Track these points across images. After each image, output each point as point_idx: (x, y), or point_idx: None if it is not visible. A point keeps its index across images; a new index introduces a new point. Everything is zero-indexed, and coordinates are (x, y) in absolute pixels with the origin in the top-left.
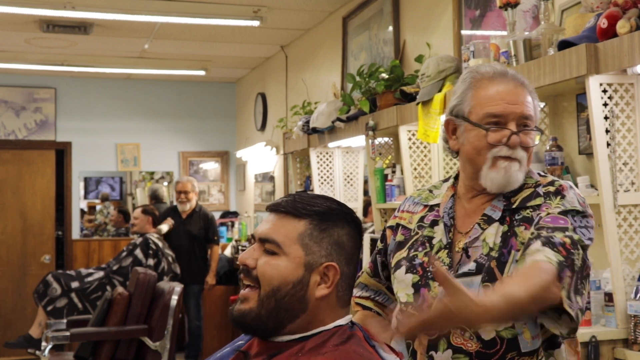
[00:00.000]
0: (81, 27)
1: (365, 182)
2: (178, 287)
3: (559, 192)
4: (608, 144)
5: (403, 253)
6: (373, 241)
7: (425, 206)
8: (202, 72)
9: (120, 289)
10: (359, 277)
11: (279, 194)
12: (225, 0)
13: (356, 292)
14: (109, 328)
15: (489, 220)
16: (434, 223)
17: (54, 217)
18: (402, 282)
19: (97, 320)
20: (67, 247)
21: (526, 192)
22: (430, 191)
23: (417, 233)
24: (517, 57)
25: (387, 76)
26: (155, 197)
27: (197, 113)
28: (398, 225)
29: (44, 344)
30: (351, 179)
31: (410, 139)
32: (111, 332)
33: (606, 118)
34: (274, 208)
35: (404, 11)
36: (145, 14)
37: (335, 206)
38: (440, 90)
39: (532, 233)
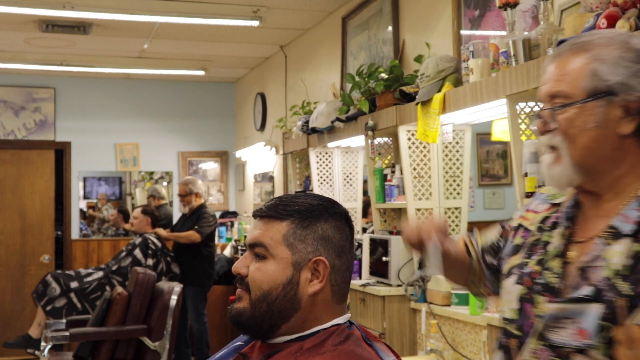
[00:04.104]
0: (80, 27)
1: (365, 182)
2: (177, 287)
3: None
4: None
5: (517, 259)
6: (373, 241)
7: (552, 205)
8: (201, 72)
9: (119, 289)
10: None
11: (278, 194)
12: (224, 0)
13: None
14: (108, 328)
15: (616, 235)
16: (555, 226)
17: (53, 217)
18: (509, 294)
19: (97, 320)
20: (67, 247)
21: None
22: None
23: (535, 236)
24: (516, 57)
25: (386, 76)
26: (154, 197)
27: (197, 113)
28: (520, 226)
29: (43, 344)
30: (350, 179)
31: (409, 139)
32: (110, 332)
33: None
34: (258, 214)
35: (404, 11)
36: (144, 14)
37: (316, 202)
38: (439, 90)
39: None
